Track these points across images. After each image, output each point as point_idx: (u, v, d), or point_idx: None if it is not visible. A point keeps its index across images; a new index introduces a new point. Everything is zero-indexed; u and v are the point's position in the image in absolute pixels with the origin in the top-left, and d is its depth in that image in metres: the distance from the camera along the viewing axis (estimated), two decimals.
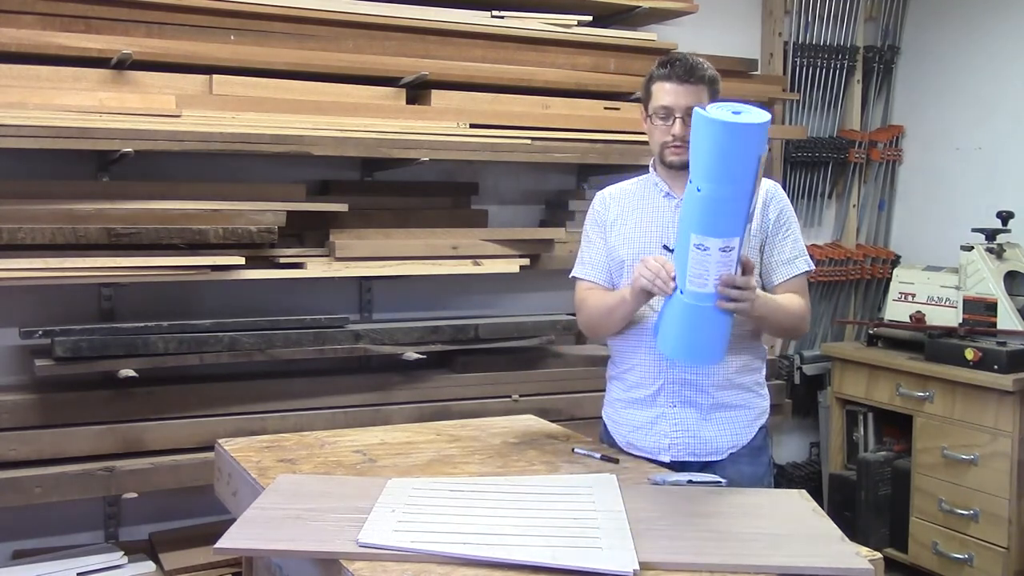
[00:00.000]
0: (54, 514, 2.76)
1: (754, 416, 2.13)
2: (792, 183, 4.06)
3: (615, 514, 1.62)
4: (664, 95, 2.01)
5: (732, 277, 1.76)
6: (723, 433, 2.08)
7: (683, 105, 1.98)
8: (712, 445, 2.08)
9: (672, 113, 2.00)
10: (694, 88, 1.99)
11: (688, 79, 1.99)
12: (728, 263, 1.75)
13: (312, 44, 2.88)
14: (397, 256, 2.90)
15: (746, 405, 2.11)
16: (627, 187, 2.19)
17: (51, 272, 2.46)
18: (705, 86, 2.00)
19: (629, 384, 2.13)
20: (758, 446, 2.13)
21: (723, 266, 1.75)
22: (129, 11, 2.68)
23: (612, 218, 2.14)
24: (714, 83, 2.02)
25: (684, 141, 1.96)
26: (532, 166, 3.32)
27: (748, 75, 3.82)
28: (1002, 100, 3.87)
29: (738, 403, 2.10)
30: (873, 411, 3.69)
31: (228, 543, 1.50)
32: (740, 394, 2.10)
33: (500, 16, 3.15)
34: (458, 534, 1.51)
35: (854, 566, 1.46)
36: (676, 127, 2.00)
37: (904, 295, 3.71)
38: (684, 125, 1.97)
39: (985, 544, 3.25)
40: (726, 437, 2.08)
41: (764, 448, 2.15)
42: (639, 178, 2.18)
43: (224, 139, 2.61)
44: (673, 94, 1.99)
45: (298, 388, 2.83)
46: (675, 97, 1.99)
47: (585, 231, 2.20)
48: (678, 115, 1.99)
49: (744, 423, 2.11)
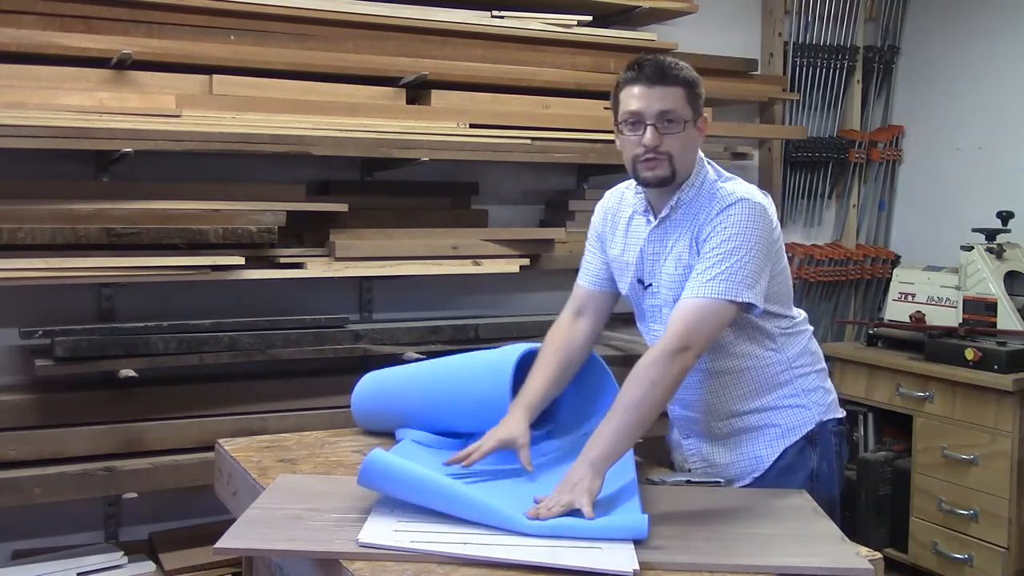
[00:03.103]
0: (54, 514, 2.76)
1: (780, 434, 1.93)
2: (792, 183, 4.06)
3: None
4: (632, 100, 1.78)
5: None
6: (741, 458, 1.94)
7: (655, 110, 1.76)
8: (731, 471, 1.94)
9: (642, 120, 1.77)
10: (667, 91, 1.77)
11: (659, 81, 1.76)
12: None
13: (312, 44, 2.88)
14: (397, 256, 2.90)
15: (768, 424, 1.93)
16: (626, 197, 2.00)
17: (51, 272, 2.45)
18: (681, 88, 1.78)
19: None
20: (786, 464, 1.92)
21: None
22: (129, 11, 2.68)
23: (605, 233, 2.03)
24: (693, 85, 1.80)
25: (658, 153, 1.78)
26: (532, 166, 3.32)
27: (748, 75, 3.82)
28: (1002, 100, 3.86)
29: (757, 424, 1.94)
30: (873, 411, 3.69)
31: (228, 543, 1.50)
32: (756, 416, 1.93)
33: (500, 16, 3.14)
34: (458, 534, 1.51)
35: (854, 566, 1.46)
36: (647, 136, 1.77)
37: (904, 295, 3.71)
38: (657, 134, 1.77)
39: (985, 544, 3.25)
40: (746, 462, 1.94)
41: (795, 466, 1.93)
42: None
43: (224, 139, 2.61)
44: (643, 98, 1.77)
45: (298, 388, 2.83)
46: (645, 101, 1.77)
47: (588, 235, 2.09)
48: (649, 122, 1.76)
49: (765, 443, 1.93)
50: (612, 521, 1.57)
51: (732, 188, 1.85)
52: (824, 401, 2.00)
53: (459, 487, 1.64)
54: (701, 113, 1.84)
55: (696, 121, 1.83)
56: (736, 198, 1.81)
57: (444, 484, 1.62)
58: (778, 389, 1.94)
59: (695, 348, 1.73)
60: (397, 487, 1.62)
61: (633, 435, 1.70)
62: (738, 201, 1.80)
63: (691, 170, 1.86)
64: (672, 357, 1.70)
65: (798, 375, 1.95)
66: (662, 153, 1.78)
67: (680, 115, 1.78)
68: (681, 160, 1.81)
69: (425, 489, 1.60)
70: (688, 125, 1.80)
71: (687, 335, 1.72)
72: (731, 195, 1.82)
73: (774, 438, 1.94)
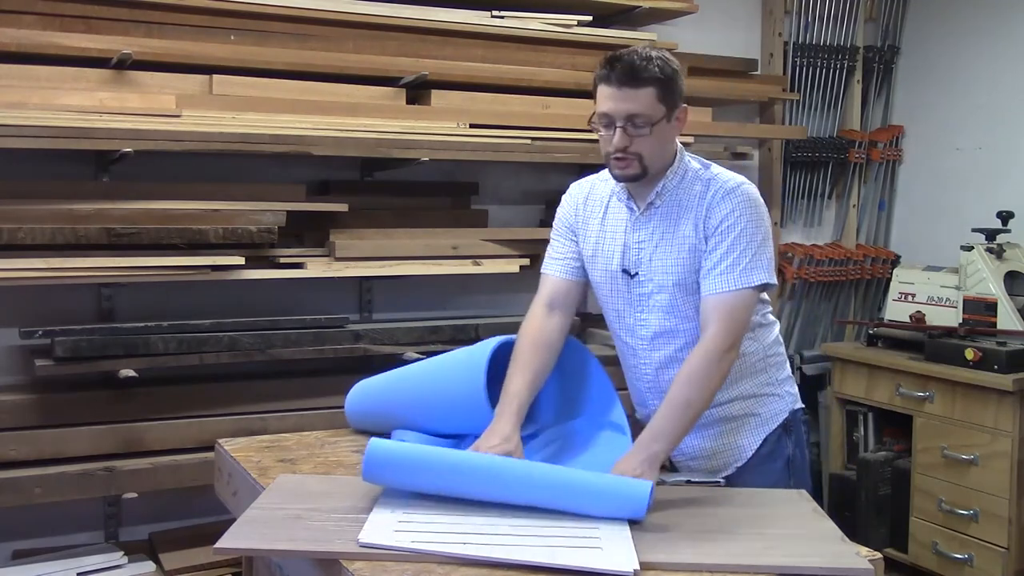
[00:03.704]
0: (54, 514, 2.76)
1: (759, 423, 1.99)
2: (792, 183, 4.06)
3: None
4: (603, 100, 1.78)
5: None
6: (725, 448, 1.97)
7: (623, 112, 1.77)
8: (715, 462, 1.98)
9: (612, 121, 1.79)
10: (637, 93, 1.76)
11: (628, 83, 1.76)
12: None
13: (312, 44, 2.88)
14: (397, 256, 2.90)
15: (749, 413, 1.98)
16: (596, 187, 2.01)
17: (51, 272, 2.45)
18: (652, 87, 1.76)
19: (635, 401, 2.08)
20: (766, 453, 1.98)
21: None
22: (129, 11, 2.68)
23: (577, 224, 2.02)
24: (665, 82, 1.78)
25: (628, 153, 1.80)
26: (532, 166, 3.32)
27: (748, 75, 3.82)
28: (1002, 100, 3.86)
29: (738, 414, 1.98)
30: (873, 411, 3.68)
31: (228, 543, 1.50)
32: (738, 405, 1.97)
33: (500, 16, 3.14)
34: (458, 534, 1.51)
35: (854, 566, 1.46)
36: (616, 139, 1.78)
37: (904, 295, 3.71)
38: (626, 135, 1.78)
39: (985, 544, 3.24)
40: (729, 452, 1.98)
41: (774, 453, 1.99)
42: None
43: (224, 139, 2.61)
44: (612, 100, 1.77)
45: (298, 388, 2.83)
46: (615, 103, 1.77)
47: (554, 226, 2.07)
48: (618, 124, 1.78)
49: (747, 433, 1.98)
50: (618, 488, 1.60)
51: (727, 175, 1.89)
52: (793, 390, 2.07)
53: (466, 455, 1.66)
54: (677, 105, 1.84)
55: (671, 116, 1.83)
56: (735, 183, 1.87)
57: (449, 454, 1.64)
58: (756, 376, 1.99)
59: (738, 343, 1.83)
60: (402, 472, 1.63)
61: (687, 432, 1.80)
62: (739, 186, 1.86)
63: (666, 163, 1.88)
64: (723, 355, 1.79)
65: (772, 364, 2.02)
66: (631, 154, 1.81)
67: (649, 117, 1.79)
68: (652, 158, 1.83)
69: (431, 466, 1.61)
70: (660, 123, 1.81)
71: (732, 333, 1.80)
72: (729, 181, 1.87)
73: (755, 427, 1.99)
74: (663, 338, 1.93)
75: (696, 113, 3.48)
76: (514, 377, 1.89)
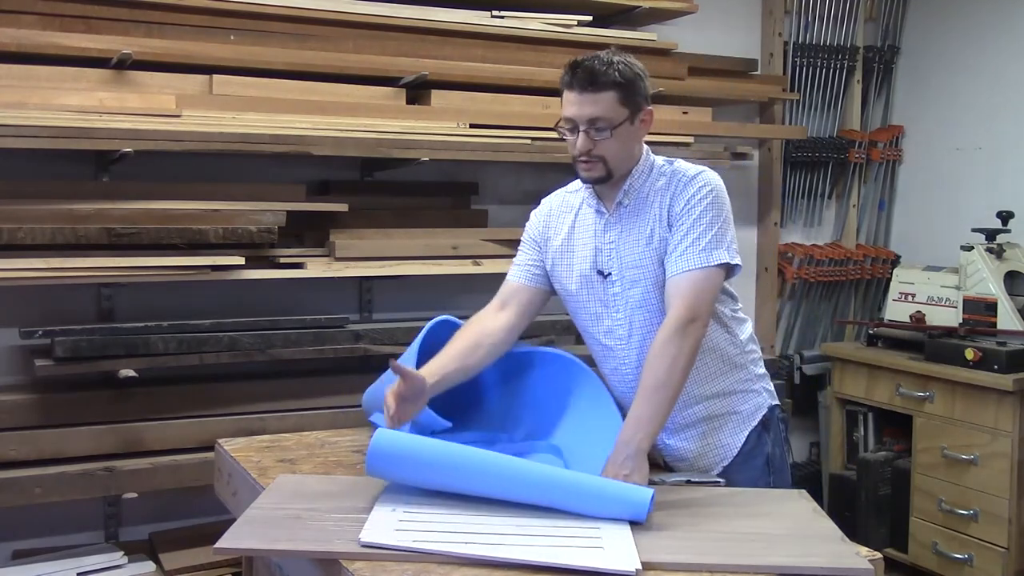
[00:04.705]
0: (54, 514, 2.76)
1: (741, 420, 2.00)
2: (792, 183, 4.06)
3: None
4: (567, 105, 1.83)
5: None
6: (710, 448, 1.97)
7: (585, 116, 1.80)
8: (701, 463, 1.97)
9: (576, 125, 1.83)
10: (597, 97, 1.79)
11: (588, 87, 1.79)
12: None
13: (312, 44, 2.88)
14: (397, 256, 2.90)
15: (730, 411, 1.99)
16: (567, 199, 2.03)
17: (51, 272, 2.45)
18: (613, 91, 1.79)
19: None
20: (748, 451, 1.99)
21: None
22: (129, 11, 2.68)
23: (547, 235, 2.03)
24: (627, 85, 1.81)
25: (591, 157, 1.83)
26: (532, 166, 3.32)
27: (748, 75, 3.82)
28: (1002, 100, 3.87)
29: (720, 412, 1.98)
30: (873, 411, 3.69)
31: (228, 543, 1.50)
32: (719, 402, 1.97)
33: (500, 16, 3.14)
34: (458, 534, 1.51)
35: (854, 566, 1.46)
36: (579, 142, 1.82)
37: (904, 295, 3.72)
38: (588, 139, 1.81)
39: (985, 544, 3.25)
40: (715, 452, 1.98)
41: (755, 451, 2.00)
42: (582, 186, 2.00)
43: (224, 139, 2.61)
44: (574, 104, 1.81)
45: (298, 388, 2.83)
46: (577, 108, 1.81)
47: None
48: (581, 128, 1.81)
49: (730, 431, 1.99)
50: (619, 492, 1.60)
51: (688, 166, 1.93)
52: (770, 387, 2.09)
53: (470, 449, 1.66)
54: (641, 108, 1.86)
55: (634, 119, 1.85)
56: (697, 170, 1.91)
57: (455, 449, 1.65)
58: (735, 372, 2.00)
59: (702, 317, 1.81)
60: (406, 466, 1.63)
61: (667, 413, 1.78)
62: (701, 173, 1.90)
63: (632, 163, 1.91)
64: (684, 329, 1.78)
65: (749, 360, 2.03)
66: (595, 156, 1.84)
67: (611, 120, 1.82)
68: (616, 160, 1.86)
69: (436, 460, 1.62)
70: (623, 126, 1.83)
71: (692, 307, 1.80)
72: (690, 169, 1.91)
73: (736, 425, 2.00)
74: (640, 334, 1.93)
75: (696, 113, 3.48)
76: (440, 353, 1.93)
